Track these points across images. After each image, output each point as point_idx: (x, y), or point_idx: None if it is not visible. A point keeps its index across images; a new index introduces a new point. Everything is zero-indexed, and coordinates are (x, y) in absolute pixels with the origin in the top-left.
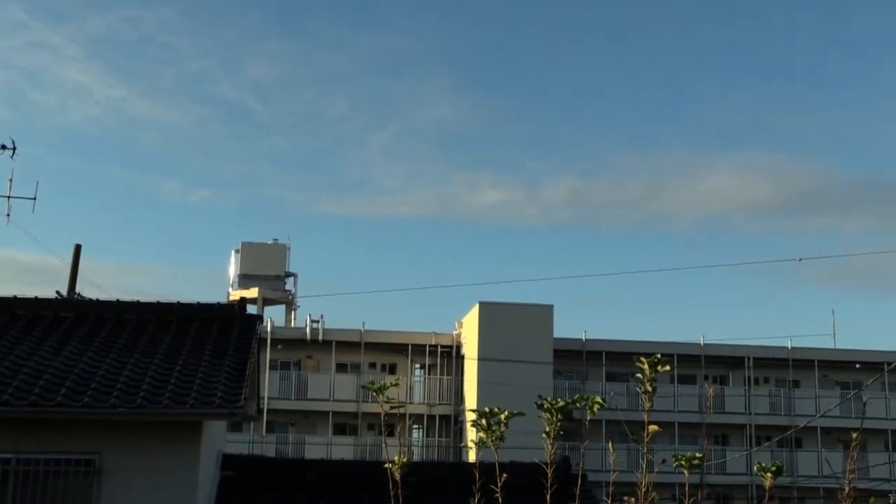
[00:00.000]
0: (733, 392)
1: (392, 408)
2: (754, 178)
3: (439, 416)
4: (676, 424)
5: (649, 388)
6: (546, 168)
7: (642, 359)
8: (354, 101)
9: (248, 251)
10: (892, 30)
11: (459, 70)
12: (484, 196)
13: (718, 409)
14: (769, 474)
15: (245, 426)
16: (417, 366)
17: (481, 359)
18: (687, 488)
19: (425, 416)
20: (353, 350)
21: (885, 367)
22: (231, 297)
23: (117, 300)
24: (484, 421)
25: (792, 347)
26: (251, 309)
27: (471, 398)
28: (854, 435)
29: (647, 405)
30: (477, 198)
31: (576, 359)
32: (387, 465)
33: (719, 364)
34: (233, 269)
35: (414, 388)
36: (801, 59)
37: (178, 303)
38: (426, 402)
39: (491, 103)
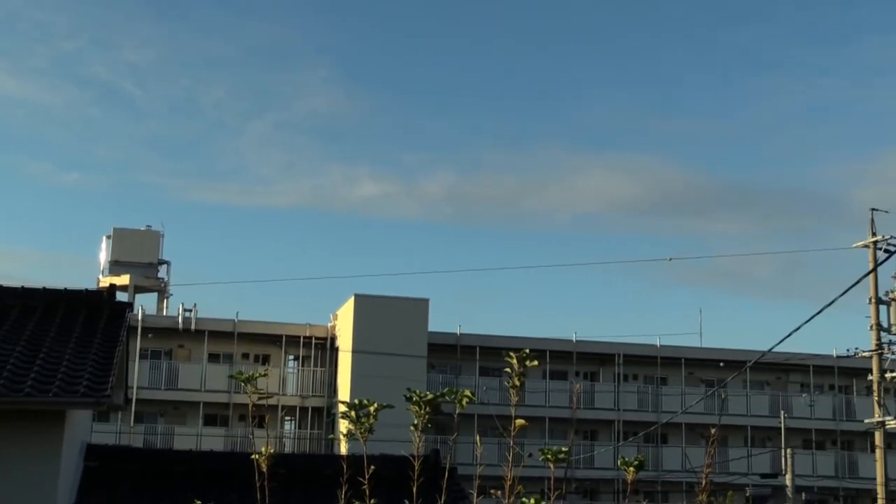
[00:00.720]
0: (603, 388)
1: (260, 398)
2: (628, 178)
3: (312, 408)
4: (547, 420)
5: (517, 383)
6: (424, 162)
7: (511, 353)
8: (232, 89)
9: (120, 237)
10: (755, 40)
11: (339, 61)
12: (361, 189)
13: (588, 404)
14: (632, 468)
15: (112, 416)
16: (291, 357)
17: (355, 351)
18: (552, 482)
19: (298, 409)
20: (226, 340)
21: (747, 365)
22: (101, 284)
23: None
24: (353, 413)
25: (660, 346)
26: (122, 296)
27: (344, 391)
28: (713, 430)
29: (515, 399)
30: (354, 190)
31: (450, 353)
32: (254, 457)
33: (590, 361)
34: (104, 256)
35: (287, 379)
36: (672, 66)
37: (44, 288)
38: (299, 394)
39: (369, 96)
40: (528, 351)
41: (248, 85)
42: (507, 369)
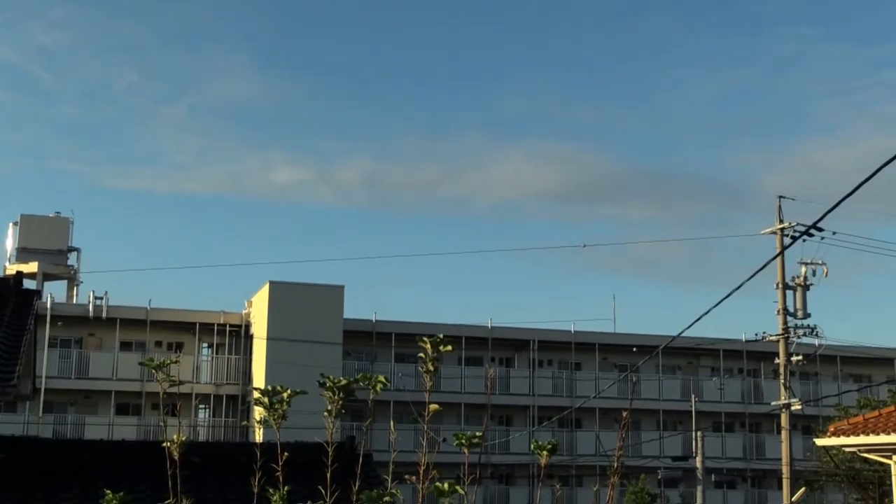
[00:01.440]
0: (518, 374)
1: (172, 386)
2: (544, 165)
3: (227, 396)
4: (463, 405)
5: (431, 368)
6: (340, 149)
7: (425, 338)
8: (146, 73)
9: (28, 224)
10: (669, 29)
11: (255, 46)
12: (277, 175)
13: (503, 390)
14: (545, 452)
15: (20, 406)
16: (205, 345)
17: (270, 338)
18: (466, 467)
19: (212, 397)
20: (138, 328)
21: (657, 350)
22: (8, 272)
23: None
24: (267, 399)
25: (575, 331)
26: (30, 284)
27: (259, 378)
28: (625, 414)
29: (429, 384)
30: (270, 176)
31: (366, 340)
32: (165, 445)
33: (505, 347)
34: (10, 243)
35: (201, 367)
36: (589, 54)
37: None
38: (214, 381)
39: (286, 82)
40: (442, 336)
41: (162, 69)
42: (422, 355)
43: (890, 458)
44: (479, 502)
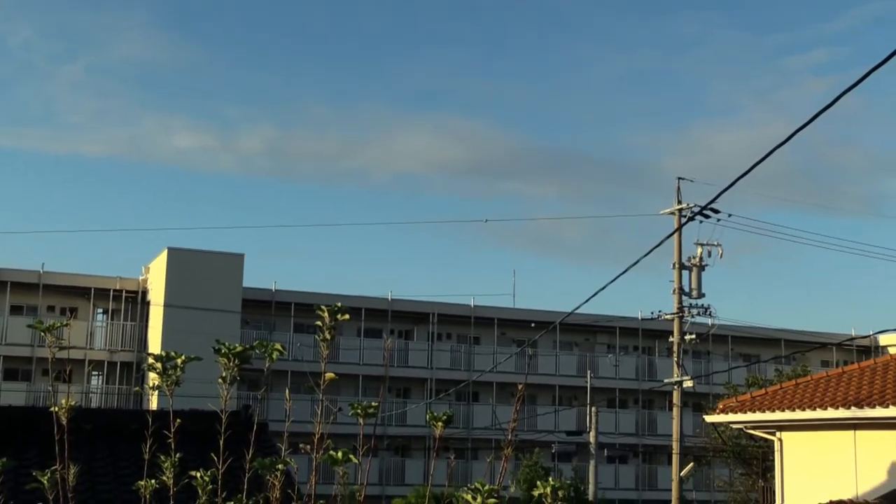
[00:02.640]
0: (417, 347)
1: (61, 349)
2: (448, 139)
3: (121, 363)
4: (361, 377)
5: (328, 337)
6: (243, 116)
7: (322, 307)
8: (42, 29)
9: None
10: (575, 7)
11: (157, 6)
12: (178, 140)
13: (402, 362)
14: (440, 424)
15: None
16: (100, 311)
17: (167, 305)
18: (361, 437)
19: (106, 363)
20: (30, 292)
21: (553, 325)
22: None
23: None
24: (160, 365)
25: (474, 306)
26: None
27: (155, 346)
28: (520, 387)
29: (325, 353)
30: (170, 141)
31: (265, 309)
32: (53, 410)
33: (405, 319)
34: None
35: (95, 333)
36: (495, 30)
37: None
38: (108, 348)
39: (188, 45)
40: (339, 305)
41: (60, 26)
42: (319, 323)
43: (774, 434)
44: (374, 473)
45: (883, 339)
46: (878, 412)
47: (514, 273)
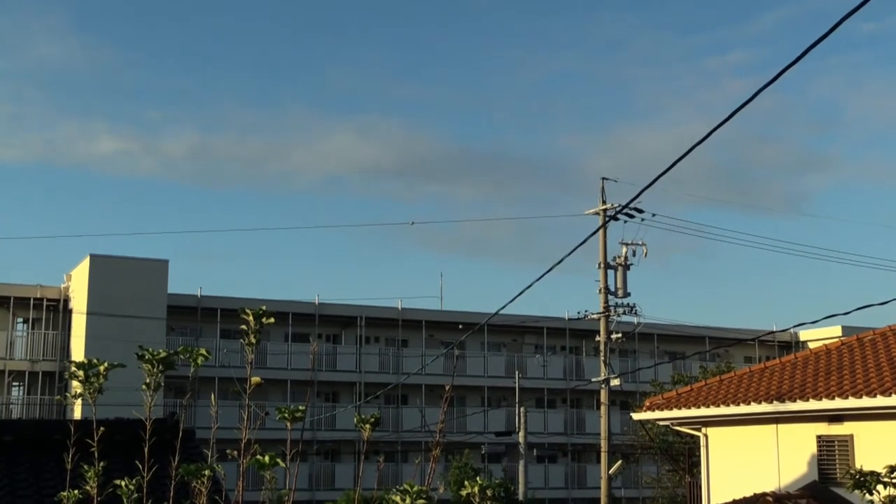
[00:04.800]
0: (345, 350)
1: None
2: (374, 142)
3: (43, 372)
4: (289, 382)
5: (253, 340)
6: (165, 120)
7: (248, 310)
8: None
9: None
10: (501, 9)
11: (72, 9)
12: (98, 145)
13: (331, 367)
14: (367, 426)
15: None
16: (20, 320)
17: (90, 313)
18: (289, 441)
19: (27, 374)
20: None
21: (479, 325)
22: None
23: None
24: (81, 373)
25: (402, 308)
26: None
27: (79, 354)
28: (447, 387)
29: (251, 356)
30: (90, 147)
31: (190, 315)
32: None
33: (333, 323)
34: None
35: (15, 342)
36: (419, 31)
37: None
38: (29, 358)
39: (106, 48)
40: (264, 308)
41: None
42: (243, 326)
43: (700, 429)
44: (304, 478)
45: (803, 335)
46: (799, 406)
47: (441, 275)
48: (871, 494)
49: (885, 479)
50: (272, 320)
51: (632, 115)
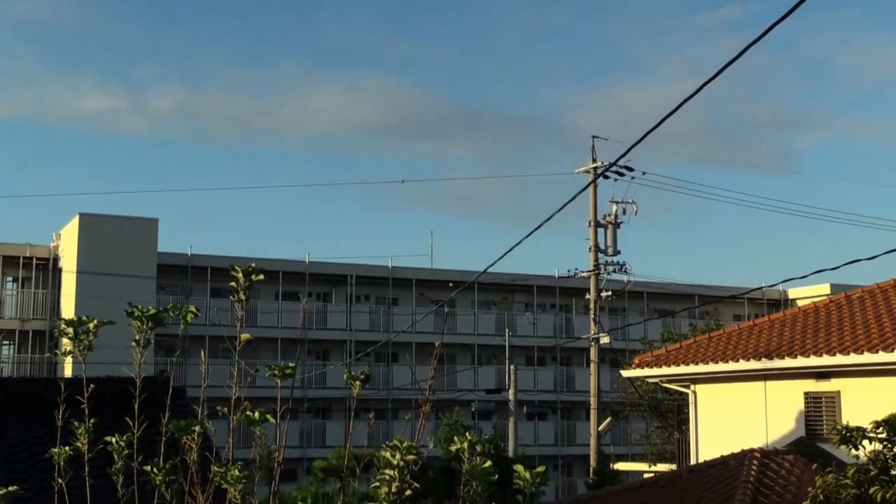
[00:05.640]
0: (336, 309)
1: None
2: (363, 99)
3: (33, 331)
4: (280, 340)
5: (243, 297)
6: (153, 76)
7: (237, 267)
8: None
9: None
10: None
11: None
12: (86, 102)
13: (321, 325)
14: (358, 382)
15: None
16: (10, 278)
17: (80, 272)
18: (279, 398)
19: (17, 332)
20: None
21: (469, 282)
22: None
23: None
24: (71, 330)
25: (392, 267)
26: None
27: (69, 313)
28: (437, 344)
29: (240, 313)
30: (78, 103)
31: (181, 274)
32: None
33: (323, 282)
34: None
35: (5, 301)
36: None
37: None
38: (19, 316)
39: (93, 3)
40: (253, 265)
41: None
42: (233, 283)
43: (689, 387)
44: (295, 436)
45: (792, 293)
46: (787, 362)
47: (431, 233)
48: (857, 449)
49: (871, 435)
50: (262, 277)
51: (623, 71)
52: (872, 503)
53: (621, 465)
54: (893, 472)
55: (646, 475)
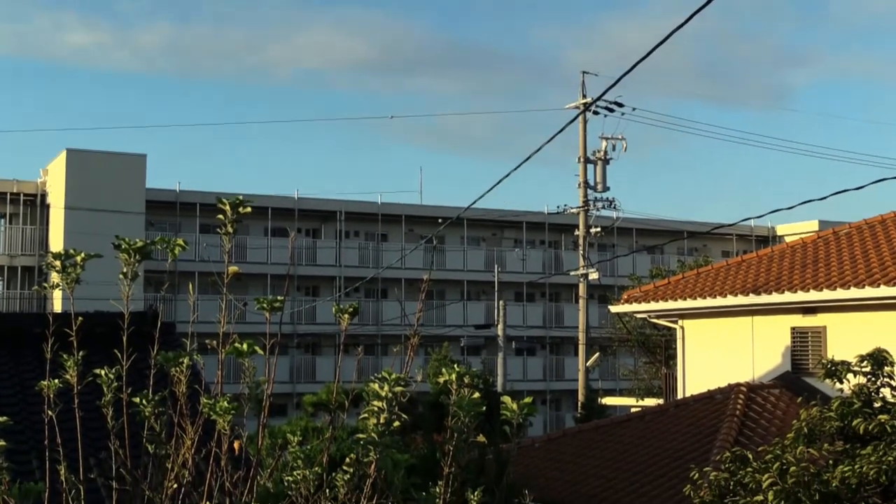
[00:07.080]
0: (325, 245)
1: None
2: (351, 34)
3: (22, 267)
4: (269, 276)
5: (230, 230)
6: (138, 11)
7: (224, 200)
8: None
9: None
10: None
11: None
12: (71, 37)
13: (310, 261)
14: (346, 315)
15: None
16: None
17: (69, 208)
18: (268, 331)
19: (6, 268)
20: None
21: (456, 216)
22: None
23: None
24: (59, 263)
25: (381, 203)
26: None
27: (57, 249)
28: (425, 278)
29: (228, 246)
30: (63, 38)
31: (170, 210)
32: None
33: (312, 218)
34: None
35: None
36: None
37: None
38: (7, 252)
39: None
40: (241, 198)
41: None
42: (220, 216)
43: (676, 322)
44: (285, 371)
45: (780, 229)
46: (774, 298)
47: (420, 169)
48: (842, 383)
49: (855, 368)
50: (249, 210)
51: (616, 8)
52: (855, 435)
53: (609, 400)
54: (876, 405)
55: (633, 410)
